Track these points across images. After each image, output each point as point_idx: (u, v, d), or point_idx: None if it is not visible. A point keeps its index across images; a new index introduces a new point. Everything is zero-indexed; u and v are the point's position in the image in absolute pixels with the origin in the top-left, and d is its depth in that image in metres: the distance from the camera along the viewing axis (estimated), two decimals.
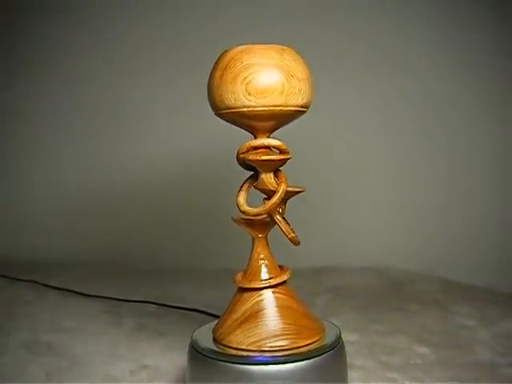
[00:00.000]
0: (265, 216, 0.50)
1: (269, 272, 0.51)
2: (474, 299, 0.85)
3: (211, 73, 0.50)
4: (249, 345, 0.48)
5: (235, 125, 0.51)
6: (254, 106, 0.47)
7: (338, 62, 1.07)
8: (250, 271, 0.51)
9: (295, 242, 0.51)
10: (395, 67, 1.06)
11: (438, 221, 1.05)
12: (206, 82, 0.51)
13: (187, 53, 1.14)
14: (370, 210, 1.09)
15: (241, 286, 0.51)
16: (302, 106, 0.49)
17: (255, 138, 0.51)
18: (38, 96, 1.25)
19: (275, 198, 0.49)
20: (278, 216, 0.50)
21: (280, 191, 0.49)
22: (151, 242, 1.16)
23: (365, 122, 1.08)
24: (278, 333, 0.48)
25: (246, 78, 0.47)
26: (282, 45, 0.49)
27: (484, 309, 0.80)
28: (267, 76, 0.47)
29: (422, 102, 1.06)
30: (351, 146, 1.09)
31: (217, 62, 0.49)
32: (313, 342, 0.49)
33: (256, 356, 0.47)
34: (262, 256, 0.52)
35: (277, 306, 0.50)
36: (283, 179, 0.50)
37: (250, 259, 0.52)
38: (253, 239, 0.52)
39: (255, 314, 0.49)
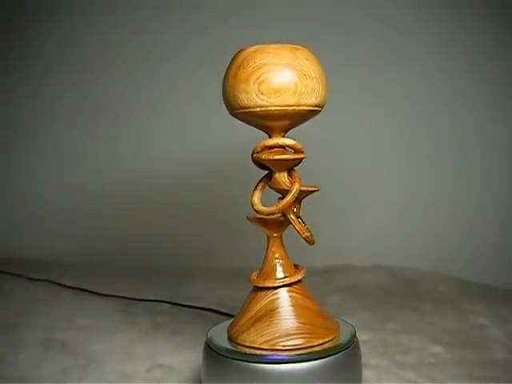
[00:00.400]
0: (279, 215, 0.51)
1: (283, 271, 0.51)
2: (486, 298, 0.85)
3: (225, 72, 0.50)
4: (262, 343, 0.48)
5: (249, 124, 0.51)
6: (267, 106, 0.47)
7: (351, 62, 1.06)
8: (265, 270, 0.52)
9: (310, 242, 0.51)
10: (410, 67, 1.06)
11: (450, 219, 1.05)
12: (216, 80, 0.51)
13: (196, 52, 1.14)
14: (382, 208, 1.09)
15: (255, 284, 0.52)
16: (315, 106, 0.49)
17: (270, 137, 0.51)
18: (40, 97, 1.26)
19: (288, 198, 0.49)
20: (292, 215, 0.50)
21: (293, 191, 0.49)
22: (164, 241, 1.16)
23: (377, 122, 1.08)
24: (292, 332, 0.48)
25: (258, 77, 0.47)
26: (296, 44, 0.49)
27: (497, 307, 0.80)
28: (280, 75, 0.47)
29: (433, 102, 1.06)
30: (364, 145, 1.09)
31: (231, 62, 0.50)
32: (327, 341, 0.49)
33: (269, 355, 0.47)
34: (276, 255, 0.52)
35: (291, 305, 0.50)
36: (297, 179, 0.50)
37: (265, 258, 0.52)
38: (268, 238, 0.52)
39: (269, 313, 0.50)
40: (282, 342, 0.48)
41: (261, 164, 0.52)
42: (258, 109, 0.48)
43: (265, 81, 0.47)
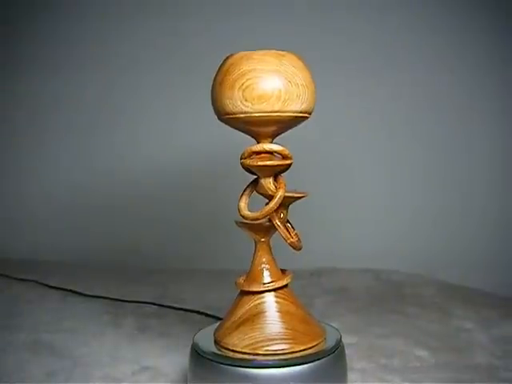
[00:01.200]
0: (265, 220, 0.51)
1: (269, 276, 0.51)
2: (472, 302, 0.85)
3: (214, 78, 0.50)
4: (243, 347, 0.49)
5: (237, 130, 0.51)
6: (251, 112, 0.47)
7: (338, 64, 1.07)
8: (251, 275, 0.52)
9: (295, 247, 0.51)
10: (394, 69, 1.07)
11: (436, 223, 1.06)
12: (210, 83, 0.51)
13: (190, 54, 1.14)
14: (369, 212, 1.09)
15: (241, 288, 0.52)
16: (301, 112, 0.49)
17: (258, 142, 0.51)
18: (39, 96, 1.25)
19: (271, 204, 0.49)
20: (277, 221, 0.50)
21: (277, 197, 0.49)
22: (152, 242, 1.16)
23: (364, 125, 1.09)
24: (275, 337, 0.49)
25: (243, 84, 0.47)
26: (286, 50, 0.49)
27: (483, 312, 0.80)
28: (264, 82, 0.47)
29: (419, 105, 1.07)
30: (351, 149, 1.10)
31: (219, 68, 0.50)
32: (312, 347, 0.49)
33: (251, 359, 0.47)
34: (263, 260, 0.52)
35: (275, 311, 0.50)
36: (281, 185, 0.50)
37: (251, 263, 0.52)
38: (255, 243, 0.53)
39: (252, 317, 0.50)
40: (265, 346, 0.48)
41: (249, 169, 0.52)
42: (242, 115, 0.48)
43: (249, 87, 0.47)
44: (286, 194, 0.50)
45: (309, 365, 0.46)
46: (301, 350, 0.48)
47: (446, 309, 0.82)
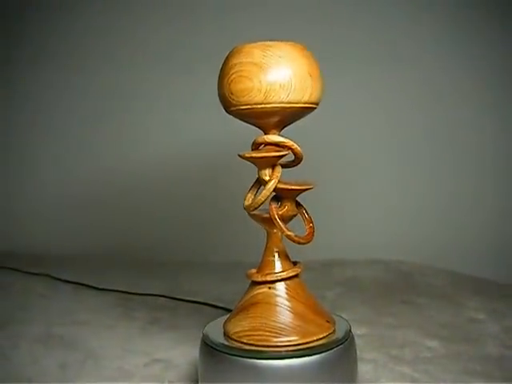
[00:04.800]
0: (262, 212, 0.51)
1: (280, 266, 0.51)
2: (483, 292, 0.85)
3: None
4: (233, 334, 0.49)
5: (243, 121, 0.52)
6: (238, 105, 0.48)
7: (347, 60, 1.07)
8: (262, 265, 0.52)
9: (293, 241, 0.50)
10: (403, 66, 1.07)
11: (446, 213, 1.06)
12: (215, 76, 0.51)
13: (197, 48, 1.14)
14: (379, 203, 1.09)
15: (251, 279, 0.52)
16: (288, 103, 0.48)
17: (265, 134, 0.51)
18: (41, 93, 1.26)
19: (261, 194, 0.49)
20: (274, 212, 0.50)
21: (267, 187, 0.49)
22: (162, 235, 1.17)
23: (373, 117, 1.09)
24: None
25: (229, 77, 0.48)
26: (292, 41, 0.49)
27: (493, 302, 0.80)
28: (244, 75, 0.47)
29: (428, 101, 1.07)
30: (361, 141, 1.10)
31: (223, 62, 0.50)
32: (321, 338, 0.49)
33: (259, 350, 0.48)
34: (274, 250, 0.52)
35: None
36: (274, 175, 0.50)
37: (263, 254, 0.53)
38: (267, 234, 0.53)
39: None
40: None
41: None
42: (233, 108, 0.49)
43: (233, 81, 0.48)
44: (288, 187, 0.50)
45: (318, 356, 0.46)
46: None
47: (457, 299, 0.82)
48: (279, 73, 0.47)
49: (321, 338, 0.49)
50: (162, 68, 1.17)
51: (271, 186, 0.49)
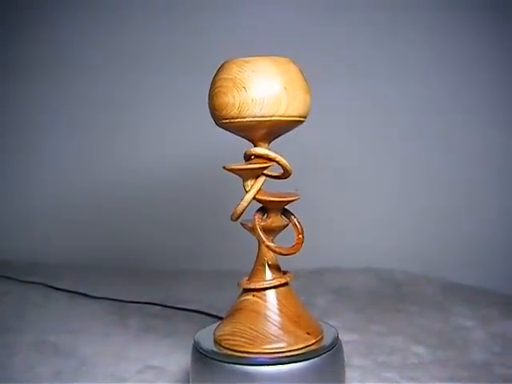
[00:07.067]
0: (246, 223, 0.53)
1: (270, 274, 0.53)
2: (473, 300, 0.86)
3: None
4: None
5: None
6: (219, 119, 0.50)
7: (339, 65, 1.08)
8: (252, 274, 0.53)
9: (274, 252, 0.51)
10: (395, 70, 1.08)
11: (437, 222, 1.07)
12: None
13: (191, 56, 1.15)
14: (370, 211, 1.10)
15: (242, 287, 0.53)
16: (263, 116, 0.48)
17: (254, 146, 0.52)
18: (41, 97, 1.27)
19: (240, 205, 0.51)
20: (256, 223, 0.51)
21: (244, 198, 0.51)
22: (155, 243, 1.17)
23: (368, 125, 1.10)
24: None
25: (212, 92, 0.50)
26: (279, 55, 0.50)
27: (481, 309, 0.81)
28: (223, 90, 0.49)
29: (422, 104, 1.08)
30: (352, 148, 1.10)
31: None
32: (310, 345, 0.50)
33: (248, 357, 0.49)
34: (264, 259, 0.53)
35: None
36: (253, 187, 0.51)
37: (254, 262, 0.54)
38: (258, 243, 0.54)
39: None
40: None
41: None
42: (217, 121, 0.51)
43: (215, 95, 0.50)
44: (269, 198, 0.51)
45: (307, 362, 0.47)
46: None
47: (446, 307, 0.83)
48: (251, 88, 0.48)
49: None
50: (154, 79, 1.18)
51: (249, 196, 0.51)
